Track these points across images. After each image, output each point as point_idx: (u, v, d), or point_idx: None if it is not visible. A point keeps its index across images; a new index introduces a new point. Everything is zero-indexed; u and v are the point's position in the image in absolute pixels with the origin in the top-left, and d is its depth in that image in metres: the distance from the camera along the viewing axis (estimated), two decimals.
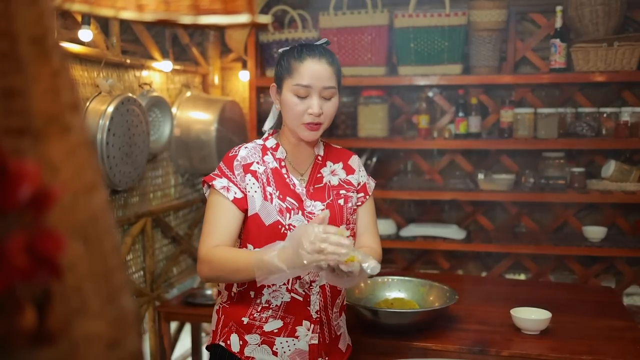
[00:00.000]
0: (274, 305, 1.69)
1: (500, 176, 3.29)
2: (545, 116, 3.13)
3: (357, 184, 1.84)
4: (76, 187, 0.62)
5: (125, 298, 0.65)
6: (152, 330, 3.26)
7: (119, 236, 0.65)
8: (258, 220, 1.66)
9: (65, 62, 0.66)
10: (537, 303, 2.24)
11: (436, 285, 2.27)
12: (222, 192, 1.65)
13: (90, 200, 0.63)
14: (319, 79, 1.64)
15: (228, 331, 1.72)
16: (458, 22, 3.16)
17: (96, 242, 0.63)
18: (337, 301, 1.78)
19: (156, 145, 3.17)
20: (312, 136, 1.68)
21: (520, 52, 3.37)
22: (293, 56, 1.68)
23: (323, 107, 1.65)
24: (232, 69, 3.86)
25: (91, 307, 0.60)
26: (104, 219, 0.65)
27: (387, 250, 3.58)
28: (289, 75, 1.67)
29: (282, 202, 1.68)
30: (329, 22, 3.32)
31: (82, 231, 0.61)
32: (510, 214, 3.48)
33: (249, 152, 1.71)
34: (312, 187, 1.75)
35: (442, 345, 2.02)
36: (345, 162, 1.84)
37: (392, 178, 3.62)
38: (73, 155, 0.62)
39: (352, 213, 1.79)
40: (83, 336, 0.59)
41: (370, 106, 3.37)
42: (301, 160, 1.77)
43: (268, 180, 1.69)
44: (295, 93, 1.65)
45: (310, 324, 1.71)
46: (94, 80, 2.72)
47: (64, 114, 0.63)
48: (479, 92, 3.42)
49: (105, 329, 0.61)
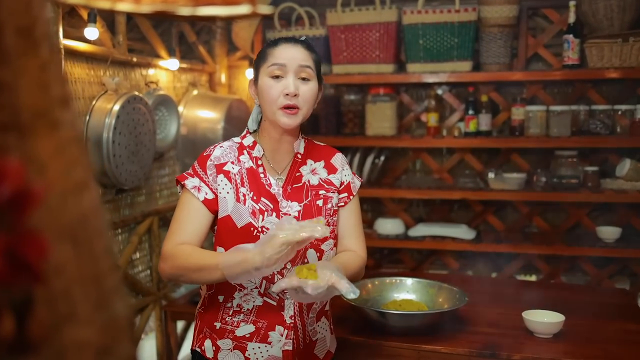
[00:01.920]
0: (246, 309, 1.63)
1: (511, 175, 3.24)
2: (558, 114, 3.08)
3: (340, 183, 1.75)
4: (65, 186, 0.58)
5: (117, 303, 0.62)
6: (158, 329, 3.23)
7: (111, 238, 0.61)
8: (230, 222, 1.60)
9: (56, 54, 0.62)
10: (550, 305, 2.19)
11: (446, 287, 2.23)
12: (193, 191, 1.61)
13: (80, 199, 0.60)
14: (294, 58, 1.60)
15: (203, 337, 1.68)
16: (468, 18, 3.11)
17: (86, 244, 0.59)
18: (313, 306, 1.70)
19: (162, 143, 3.15)
20: (290, 121, 1.60)
21: (532, 48, 3.32)
22: (268, 45, 1.66)
23: (300, 88, 1.60)
24: (239, 67, 3.82)
25: (80, 312, 0.57)
26: (95, 220, 0.61)
27: (394, 250, 3.55)
28: (263, 61, 1.63)
29: (255, 203, 1.62)
30: (337, 19, 3.28)
31: (71, 232, 0.58)
32: (521, 214, 3.42)
33: (224, 152, 1.66)
34: (289, 187, 1.67)
35: (452, 348, 1.98)
36: (327, 161, 1.76)
37: (400, 177, 3.58)
38: (62, 152, 0.59)
39: (332, 214, 1.71)
40: (72, 343, 0.56)
41: (378, 104, 3.33)
42: (279, 158, 1.70)
43: (242, 181, 1.63)
44: (270, 74, 1.60)
45: (284, 329, 1.64)
46: (100, 79, 2.70)
47: (53, 109, 0.59)
48: (490, 89, 3.37)
49: (95, 335, 0.58)
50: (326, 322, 1.78)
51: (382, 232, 3.38)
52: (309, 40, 1.71)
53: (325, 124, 3.45)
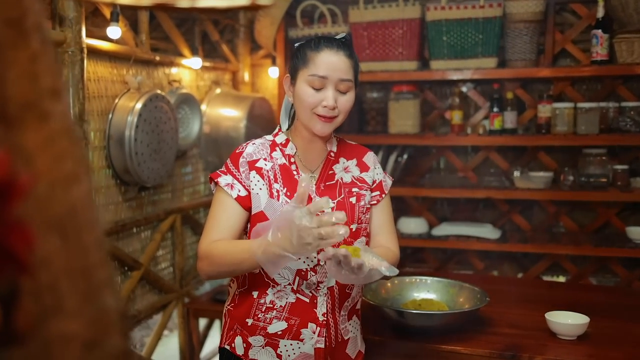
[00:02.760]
0: (278, 306, 1.63)
1: (538, 174, 3.18)
2: (586, 111, 3.00)
3: (372, 181, 1.75)
4: (53, 177, 0.58)
5: (107, 296, 0.61)
6: (181, 326, 3.25)
7: (102, 231, 0.61)
8: (263, 218, 1.60)
9: (47, 46, 0.62)
10: (575, 306, 2.14)
11: (467, 287, 2.20)
12: (226, 189, 1.61)
13: (70, 191, 0.59)
14: (336, 70, 1.58)
15: (233, 334, 1.67)
16: (493, 14, 3.06)
17: (75, 236, 0.58)
18: (345, 304, 1.70)
19: (185, 142, 3.17)
20: (325, 129, 1.60)
21: (560, 44, 3.24)
22: (310, 47, 1.62)
23: (338, 100, 1.59)
24: (262, 65, 3.83)
25: (67, 305, 0.56)
26: (85, 212, 0.60)
27: (418, 249, 3.52)
28: (304, 66, 1.60)
29: (289, 199, 1.61)
30: (359, 16, 3.25)
31: (59, 224, 0.57)
32: (548, 214, 3.36)
33: (256, 149, 1.66)
34: (322, 185, 1.68)
35: (472, 349, 1.94)
36: (359, 159, 1.76)
37: (424, 175, 3.54)
38: (51, 144, 0.58)
39: (365, 212, 1.71)
40: (57, 336, 0.55)
41: (401, 102, 3.29)
42: (312, 156, 1.70)
43: (275, 177, 1.63)
44: (310, 84, 1.58)
45: (317, 326, 1.63)
46: (123, 78, 2.72)
47: (42, 101, 0.59)
48: (515, 86, 3.32)
49: (82, 328, 0.57)
50: (357, 320, 1.78)
51: (405, 231, 3.35)
52: (347, 40, 1.67)
53: (347, 122, 3.40)
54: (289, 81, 1.67)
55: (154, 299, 2.99)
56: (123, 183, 2.73)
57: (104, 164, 2.62)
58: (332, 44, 1.61)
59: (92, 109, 2.52)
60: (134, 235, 2.85)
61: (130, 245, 2.81)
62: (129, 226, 2.75)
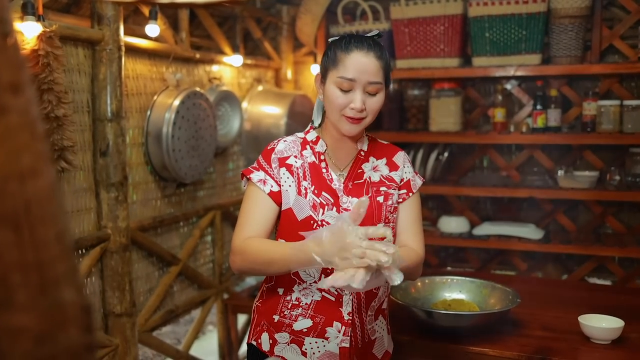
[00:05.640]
0: (304, 304, 1.63)
1: (583, 173, 3.07)
2: (633, 108, 2.88)
3: (400, 180, 1.72)
4: (8, 171, 0.59)
5: (65, 290, 0.62)
6: (219, 322, 3.29)
7: (66, 224, 0.61)
8: (291, 214, 1.61)
9: (10, 40, 0.63)
10: (614, 310, 2.06)
11: (499, 287, 2.14)
12: (258, 184, 1.62)
13: (25, 186, 0.60)
14: (365, 72, 1.56)
15: (260, 330, 1.69)
16: (537, 10, 2.97)
17: (29, 230, 0.59)
18: (372, 304, 1.68)
19: (225, 139, 3.20)
20: (352, 130, 1.60)
21: (607, 40, 3.11)
22: (340, 47, 1.60)
23: (366, 102, 1.57)
24: (304, 62, 3.84)
25: (18, 299, 0.57)
26: (43, 207, 0.61)
27: (459, 249, 3.45)
28: (333, 67, 1.59)
29: (316, 197, 1.61)
30: (401, 12, 3.21)
31: (12, 218, 0.58)
32: (593, 214, 3.24)
33: (287, 146, 1.67)
34: (351, 183, 1.67)
35: (500, 352, 1.90)
36: (389, 158, 1.74)
37: (466, 174, 3.47)
38: (8, 138, 0.60)
39: (393, 211, 1.69)
40: (6, 329, 0.56)
41: (442, 99, 3.24)
42: (342, 155, 1.69)
43: (304, 175, 1.64)
44: (339, 86, 1.57)
45: (342, 325, 1.62)
46: (162, 75, 2.77)
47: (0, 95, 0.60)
48: (561, 83, 3.21)
49: (33, 322, 0.58)
50: (383, 321, 1.76)
51: (446, 230, 3.29)
52: (380, 37, 1.65)
53: (388, 120, 3.40)
54: (320, 80, 1.67)
55: (192, 294, 3.04)
56: (162, 179, 2.78)
57: (142, 161, 2.67)
58: (362, 45, 1.58)
59: (131, 106, 2.58)
60: (173, 231, 2.90)
61: (169, 240, 2.86)
62: (167, 222, 2.80)
